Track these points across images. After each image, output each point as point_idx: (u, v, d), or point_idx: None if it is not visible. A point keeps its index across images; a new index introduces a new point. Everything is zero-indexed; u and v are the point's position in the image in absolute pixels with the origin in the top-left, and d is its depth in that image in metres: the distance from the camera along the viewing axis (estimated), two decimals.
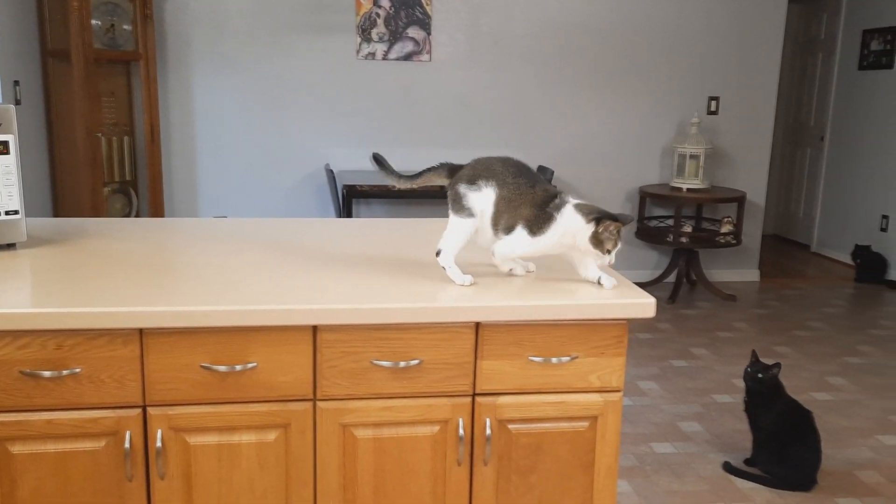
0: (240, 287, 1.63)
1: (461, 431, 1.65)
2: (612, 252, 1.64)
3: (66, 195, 4.61)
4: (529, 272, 1.83)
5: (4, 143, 1.83)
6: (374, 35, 5.25)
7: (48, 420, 1.52)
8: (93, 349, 1.50)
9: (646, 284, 5.76)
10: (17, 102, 4.18)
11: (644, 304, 1.64)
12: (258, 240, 2.10)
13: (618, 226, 1.61)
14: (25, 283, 1.63)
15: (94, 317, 1.47)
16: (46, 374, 1.49)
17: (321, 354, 1.58)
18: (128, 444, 1.54)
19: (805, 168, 7.48)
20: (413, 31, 5.28)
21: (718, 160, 5.84)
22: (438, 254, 1.72)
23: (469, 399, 1.65)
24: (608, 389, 1.70)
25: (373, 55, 5.28)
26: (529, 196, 1.66)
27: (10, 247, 1.92)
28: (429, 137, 5.47)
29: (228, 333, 1.54)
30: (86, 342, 1.50)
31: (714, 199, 5.41)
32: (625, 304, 1.63)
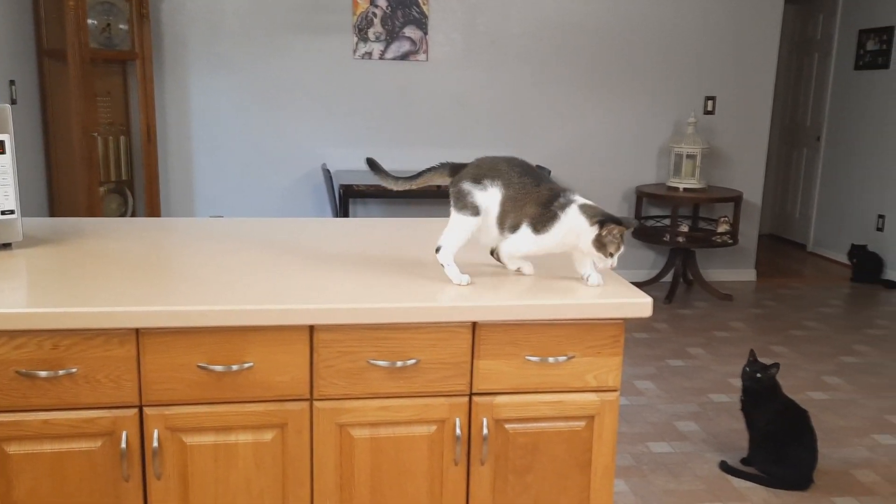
0: (236, 287, 1.63)
1: (458, 431, 1.65)
2: (615, 256, 1.64)
3: (62, 195, 4.60)
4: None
5: (0, 143, 1.83)
6: (371, 35, 5.25)
7: (44, 420, 1.51)
8: (89, 349, 1.50)
9: (642, 284, 5.76)
10: (13, 102, 4.18)
11: (640, 304, 1.64)
12: (255, 240, 2.10)
13: (621, 230, 1.61)
14: (21, 283, 1.63)
15: (91, 317, 1.46)
16: (42, 374, 1.49)
17: (318, 354, 1.58)
18: (124, 444, 1.54)
19: (801, 168, 7.49)
20: (410, 31, 5.28)
21: (715, 160, 5.85)
22: (438, 250, 1.71)
23: (466, 399, 1.65)
24: (605, 389, 1.70)
25: (369, 55, 5.28)
26: (535, 195, 1.66)
27: (6, 246, 1.91)
28: (426, 137, 5.46)
29: (225, 333, 1.54)
30: (82, 342, 1.49)
31: (711, 199, 5.42)
32: (621, 304, 1.63)
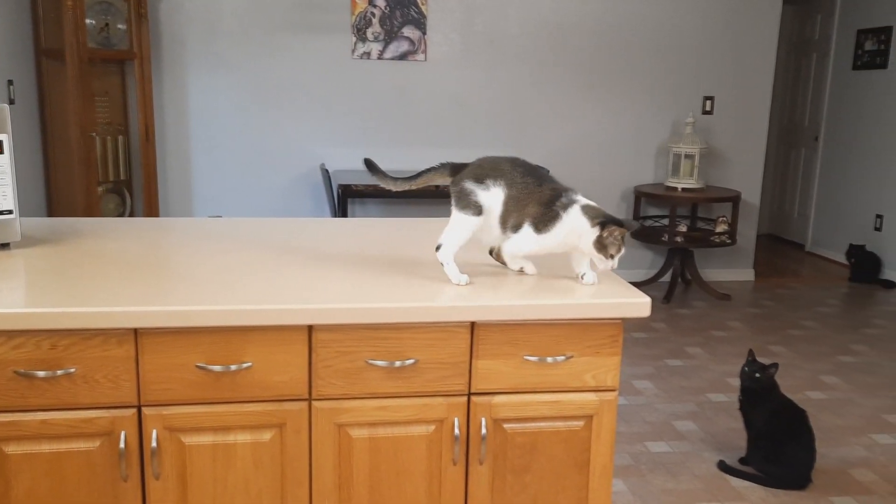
0: (235, 287, 1.63)
1: (456, 431, 1.65)
2: (616, 258, 1.65)
3: (60, 195, 4.60)
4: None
5: None
6: (370, 34, 5.25)
7: (42, 420, 1.51)
8: (87, 349, 1.50)
9: (641, 284, 5.77)
10: (11, 102, 4.17)
11: (639, 304, 1.64)
12: (253, 240, 2.10)
13: (622, 231, 1.62)
14: (19, 283, 1.62)
15: (89, 317, 1.46)
16: (41, 374, 1.49)
17: (316, 354, 1.58)
18: (123, 445, 1.54)
19: (799, 168, 7.50)
20: (408, 31, 5.28)
21: (713, 160, 5.85)
22: (438, 248, 1.71)
23: (464, 398, 1.65)
24: (603, 389, 1.70)
25: (368, 55, 5.28)
26: (537, 194, 1.66)
27: (5, 246, 1.91)
28: (424, 137, 5.46)
29: (223, 333, 1.54)
30: (80, 342, 1.49)
31: (709, 199, 5.43)
32: (620, 304, 1.63)
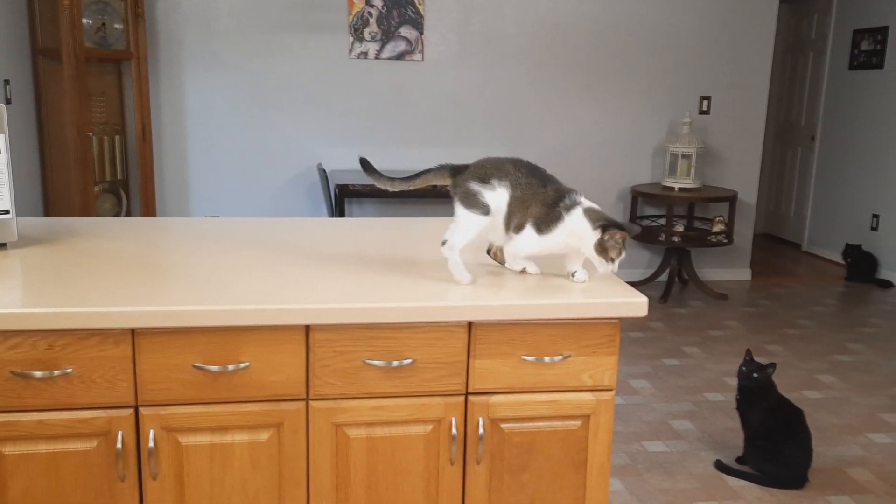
0: (232, 287, 1.63)
1: (454, 430, 1.65)
2: (616, 261, 1.65)
3: (57, 195, 4.59)
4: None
5: None
6: (367, 34, 5.25)
7: (39, 420, 1.51)
8: (84, 349, 1.50)
9: (638, 283, 5.77)
10: (8, 101, 4.16)
11: (636, 303, 1.64)
12: (250, 239, 2.10)
13: (623, 235, 1.63)
14: (16, 283, 1.62)
15: (86, 317, 1.46)
16: (37, 375, 1.48)
17: (314, 354, 1.58)
18: (120, 445, 1.54)
19: (796, 167, 7.51)
20: (405, 31, 5.28)
21: (710, 160, 5.86)
22: (444, 244, 1.70)
23: (462, 398, 1.65)
24: (600, 388, 1.70)
25: (365, 54, 5.28)
26: (540, 195, 1.66)
27: (1, 247, 1.91)
28: (421, 137, 5.46)
29: (221, 333, 1.54)
30: (77, 342, 1.49)
31: (706, 199, 5.43)
32: (617, 304, 1.64)
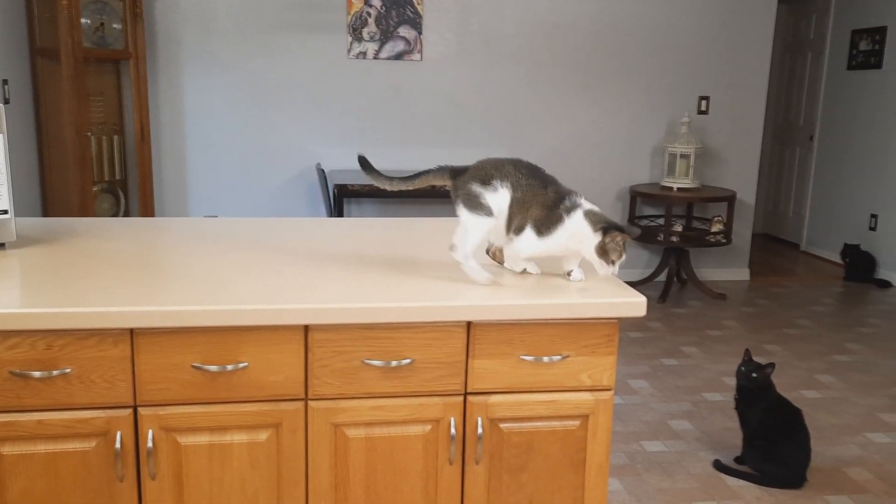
0: (231, 287, 1.63)
1: (453, 430, 1.65)
2: (617, 263, 1.66)
3: (56, 195, 4.59)
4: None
5: None
6: (366, 34, 5.25)
7: (38, 420, 1.51)
8: (83, 349, 1.50)
9: (636, 283, 5.78)
10: (6, 101, 4.16)
11: (635, 303, 1.64)
12: (249, 239, 2.10)
13: (624, 237, 1.63)
14: (15, 283, 1.62)
15: (85, 317, 1.46)
16: (36, 375, 1.48)
17: (312, 354, 1.58)
18: (118, 445, 1.54)
19: (794, 167, 7.52)
20: (404, 31, 5.28)
21: (708, 159, 5.86)
22: (452, 248, 1.71)
23: (460, 398, 1.65)
24: (599, 388, 1.70)
25: (364, 54, 5.28)
26: (541, 197, 1.66)
27: (0, 247, 1.91)
28: (420, 136, 5.46)
29: (219, 333, 1.54)
30: (76, 342, 1.49)
31: (704, 199, 5.44)
32: (615, 303, 1.64)
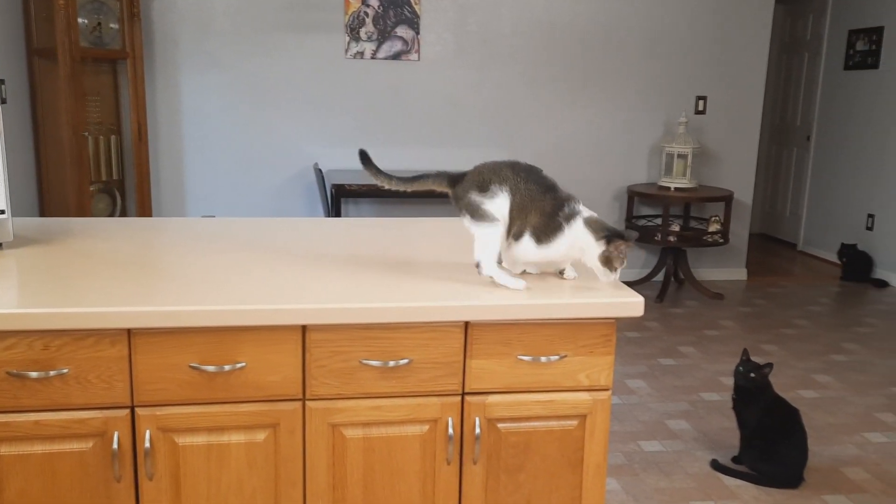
0: (228, 287, 1.63)
1: (450, 430, 1.65)
2: (619, 269, 1.66)
3: (53, 195, 4.58)
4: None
5: None
6: (363, 34, 5.25)
7: (35, 421, 1.51)
8: (80, 349, 1.49)
9: (634, 283, 5.78)
10: (3, 101, 4.15)
11: (632, 303, 1.65)
12: (246, 239, 2.10)
13: (629, 246, 1.63)
14: (12, 284, 1.62)
15: (82, 317, 1.46)
16: (33, 375, 1.48)
17: (310, 354, 1.58)
18: (116, 445, 1.53)
19: (791, 167, 7.53)
20: (401, 31, 5.28)
21: (706, 159, 5.87)
22: (478, 267, 1.67)
23: (458, 398, 1.65)
24: (597, 388, 1.70)
25: (361, 54, 5.28)
26: (539, 203, 1.65)
27: None
28: (417, 136, 5.46)
29: (217, 333, 1.53)
30: (73, 342, 1.49)
31: (701, 199, 5.44)
32: (613, 304, 1.64)
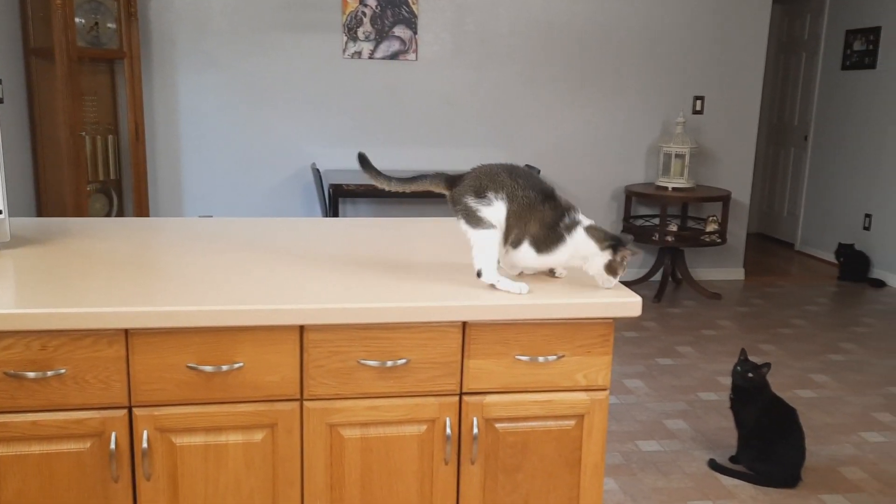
0: (226, 287, 1.63)
1: (448, 431, 1.65)
2: (620, 274, 1.67)
3: (50, 194, 4.58)
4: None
5: None
6: (361, 34, 5.24)
7: (33, 421, 1.51)
8: (78, 350, 1.49)
9: (631, 283, 5.79)
10: (0, 101, 4.15)
11: (630, 303, 1.65)
12: (244, 239, 2.10)
13: (634, 253, 1.64)
14: (9, 284, 1.62)
15: (80, 317, 1.46)
16: (31, 375, 1.48)
17: (308, 354, 1.58)
18: (113, 445, 1.53)
19: (789, 167, 7.54)
20: (399, 30, 5.28)
21: (703, 159, 5.87)
22: (479, 274, 1.66)
23: (456, 398, 1.65)
24: (594, 388, 1.70)
25: (359, 54, 5.28)
26: (539, 213, 1.64)
27: None
28: (415, 136, 5.46)
29: (215, 333, 1.53)
30: (70, 343, 1.49)
31: (699, 198, 5.45)
32: (611, 304, 1.64)
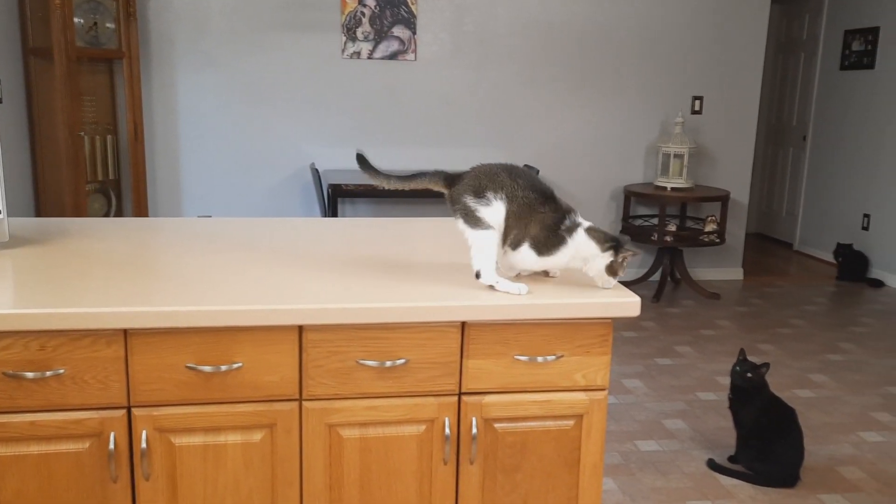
0: (225, 287, 1.63)
1: (447, 431, 1.65)
2: (619, 276, 1.67)
3: (49, 194, 4.57)
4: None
5: None
6: (360, 34, 5.24)
7: (31, 421, 1.50)
8: (76, 350, 1.49)
9: (630, 283, 5.79)
10: None
11: (629, 303, 1.65)
12: (243, 240, 2.10)
13: (635, 254, 1.65)
14: (8, 284, 1.61)
15: (78, 317, 1.46)
16: (29, 376, 1.48)
17: (307, 354, 1.58)
18: (112, 446, 1.53)
19: (788, 167, 7.54)
20: (398, 31, 5.28)
21: (702, 159, 5.88)
22: (478, 275, 1.66)
23: (455, 398, 1.65)
24: (593, 388, 1.71)
25: (358, 54, 5.28)
26: (539, 215, 1.63)
27: None
28: (414, 136, 5.46)
29: (214, 333, 1.53)
30: (69, 343, 1.49)
31: (698, 198, 5.45)
32: (609, 304, 1.64)
